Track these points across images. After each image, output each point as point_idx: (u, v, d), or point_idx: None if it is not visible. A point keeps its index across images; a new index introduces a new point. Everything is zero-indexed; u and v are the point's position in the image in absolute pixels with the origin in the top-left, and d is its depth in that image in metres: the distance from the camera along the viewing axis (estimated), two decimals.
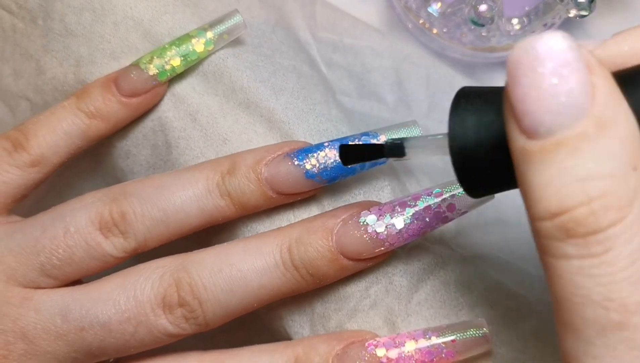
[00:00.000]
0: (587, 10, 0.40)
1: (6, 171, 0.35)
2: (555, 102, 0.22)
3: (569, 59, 0.22)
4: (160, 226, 0.34)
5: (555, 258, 0.23)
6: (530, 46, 0.23)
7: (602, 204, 0.22)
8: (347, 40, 0.44)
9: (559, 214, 0.22)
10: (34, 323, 0.33)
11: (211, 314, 0.33)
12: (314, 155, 0.34)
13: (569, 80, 0.22)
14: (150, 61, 0.36)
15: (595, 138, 0.22)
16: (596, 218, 0.22)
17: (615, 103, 0.23)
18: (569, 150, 0.22)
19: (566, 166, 0.22)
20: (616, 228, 0.22)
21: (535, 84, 0.22)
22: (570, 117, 0.22)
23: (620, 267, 0.22)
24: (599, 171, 0.22)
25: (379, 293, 0.34)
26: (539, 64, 0.22)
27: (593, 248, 0.22)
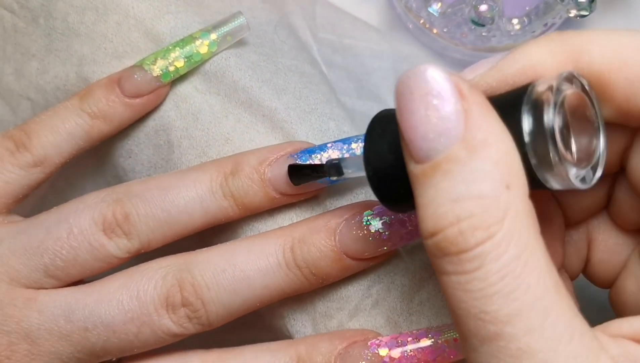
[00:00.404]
0: (588, 10, 0.41)
1: (8, 171, 0.35)
2: (429, 129, 0.24)
3: (439, 89, 0.24)
4: (164, 227, 0.34)
5: (439, 274, 0.25)
6: (406, 77, 0.24)
7: (470, 224, 0.23)
8: (347, 41, 0.44)
9: (435, 234, 0.24)
10: (38, 324, 0.33)
11: (214, 314, 0.33)
12: (317, 156, 0.34)
13: (439, 108, 0.24)
14: (154, 62, 0.36)
15: (466, 161, 0.24)
16: (464, 237, 0.23)
17: (488, 126, 0.24)
18: (442, 173, 0.24)
19: (441, 188, 0.24)
20: (484, 246, 0.23)
21: (412, 113, 0.24)
22: (442, 142, 0.24)
23: (491, 282, 0.23)
24: (468, 192, 0.23)
25: (381, 292, 0.35)
26: (413, 95, 0.24)
27: (465, 265, 0.24)
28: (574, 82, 0.26)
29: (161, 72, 0.36)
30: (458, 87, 0.24)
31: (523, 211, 0.24)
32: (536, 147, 0.25)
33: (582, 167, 0.26)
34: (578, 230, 0.32)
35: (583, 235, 0.32)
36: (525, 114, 0.25)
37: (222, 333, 0.36)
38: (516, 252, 0.23)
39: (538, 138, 0.25)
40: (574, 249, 0.33)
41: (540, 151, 0.25)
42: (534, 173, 0.25)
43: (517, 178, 0.24)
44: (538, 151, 0.25)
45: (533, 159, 0.25)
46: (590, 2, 0.40)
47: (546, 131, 0.24)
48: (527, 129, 0.25)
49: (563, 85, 0.25)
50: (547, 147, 0.24)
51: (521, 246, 0.23)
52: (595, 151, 0.27)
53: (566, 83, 0.26)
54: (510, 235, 0.23)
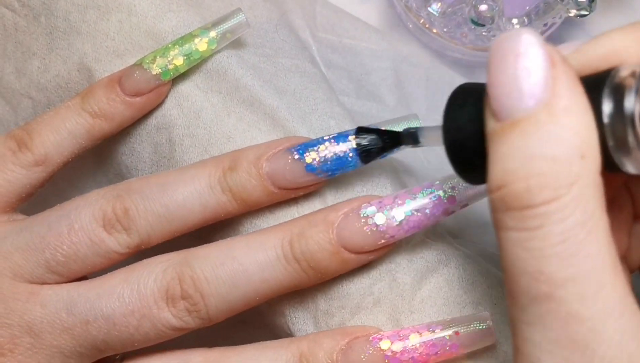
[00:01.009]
0: (588, 9, 0.41)
1: (11, 171, 0.35)
2: (516, 88, 0.25)
3: (533, 52, 0.25)
4: (163, 222, 0.34)
5: (499, 229, 0.25)
6: (504, 38, 0.25)
7: (539, 182, 0.24)
8: (347, 41, 0.44)
9: (502, 187, 0.24)
10: (40, 317, 0.33)
11: (214, 307, 0.33)
12: (314, 149, 0.34)
13: (529, 70, 0.24)
14: (153, 60, 0.36)
15: (546, 124, 0.24)
16: (531, 194, 0.24)
17: (573, 97, 0.25)
18: (520, 131, 0.24)
19: (516, 145, 0.24)
20: (550, 206, 0.24)
21: (502, 71, 0.25)
22: (526, 103, 0.24)
23: (551, 243, 0.24)
24: (542, 152, 0.24)
25: (383, 291, 0.35)
26: (506, 54, 0.25)
27: (527, 222, 0.24)
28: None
29: (160, 70, 0.36)
30: (551, 55, 0.25)
31: (593, 183, 0.24)
32: (615, 129, 0.25)
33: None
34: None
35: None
36: (606, 97, 0.25)
37: (224, 331, 0.36)
38: (581, 219, 0.24)
39: (617, 121, 0.25)
40: (637, 243, 0.32)
41: (619, 134, 0.25)
42: (610, 156, 0.25)
43: (593, 151, 0.24)
44: (616, 134, 0.25)
45: (611, 141, 0.25)
46: (590, 2, 0.41)
47: (626, 115, 0.25)
48: (607, 112, 0.25)
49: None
50: (625, 130, 0.25)
51: (587, 214, 0.24)
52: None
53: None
54: (576, 201, 0.24)
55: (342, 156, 0.34)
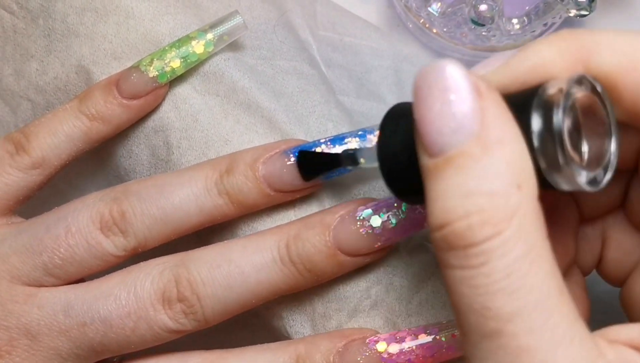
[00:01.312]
0: (587, 9, 0.41)
1: (8, 173, 0.35)
2: (445, 124, 0.24)
3: (457, 85, 0.24)
4: (160, 225, 0.34)
5: (444, 267, 0.25)
6: (425, 71, 0.25)
7: (479, 219, 0.23)
8: (347, 40, 0.44)
9: (443, 227, 0.24)
10: (38, 319, 0.33)
11: (210, 309, 0.33)
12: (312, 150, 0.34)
13: (456, 104, 0.24)
14: (150, 63, 0.36)
15: (480, 158, 0.24)
16: (472, 232, 0.24)
17: (503, 126, 0.24)
18: (455, 168, 0.24)
19: (452, 183, 0.24)
20: (492, 242, 0.23)
21: (429, 108, 0.24)
22: (458, 138, 0.24)
23: (496, 279, 0.23)
24: (479, 188, 0.24)
25: (380, 294, 0.35)
26: (431, 89, 0.24)
27: (471, 260, 0.24)
28: (584, 84, 0.26)
29: (157, 73, 0.36)
30: (476, 86, 0.24)
31: (532, 213, 0.24)
32: (545, 149, 0.25)
33: (593, 169, 0.26)
34: (593, 226, 0.32)
35: (598, 232, 0.32)
36: (534, 116, 0.25)
37: (222, 334, 0.36)
38: (523, 251, 0.23)
39: (547, 140, 0.25)
40: (588, 245, 0.33)
41: (549, 153, 0.25)
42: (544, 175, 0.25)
43: (529, 179, 0.24)
44: (547, 153, 0.25)
45: (542, 161, 0.25)
46: (590, 2, 0.40)
47: (554, 133, 0.25)
48: (536, 131, 0.25)
49: (573, 88, 0.25)
50: (555, 149, 0.25)
51: (528, 246, 0.24)
52: (606, 153, 0.27)
53: (577, 85, 0.26)
54: (518, 233, 0.24)
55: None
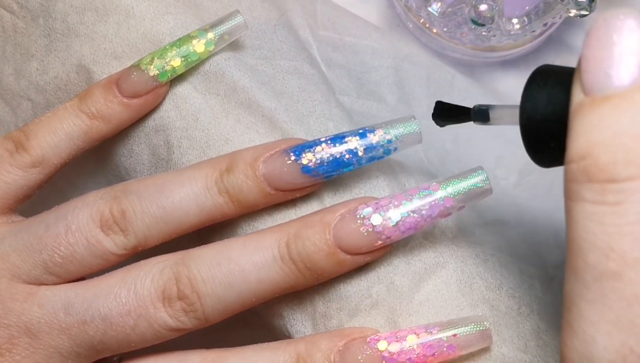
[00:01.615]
0: (588, 9, 0.41)
1: (8, 172, 0.35)
2: (614, 65, 0.24)
3: (636, 35, 0.24)
4: (160, 224, 0.34)
5: (574, 200, 0.24)
6: (610, 16, 0.25)
7: (626, 157, 0.23)
8: (347, 39, 0.44)
9: (585, 157, 0.24)
10: (38, 317, 0.33)
11: (210, 308, 0.33)
12: (310, 150, 0.34)
13: (632, 51, 0.24)
14: (150, 61, 0.36)
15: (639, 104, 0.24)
16: (616, 168, 0.23)
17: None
18: (612, 106, 0.24)
19: (606, 119, 0.24)
20: (633, 183, 0.23)
21: (602, 47, 0.25)
22: (623, 81, 0.24)
23: (628, 221, 0.23)
24: (632, 129, 0.24)
25: (381, 293, 0.35)
26: (608, 28, 0.25)
27: (607, 196, 0.23)
28: None
29: (158, 71, 0.36)
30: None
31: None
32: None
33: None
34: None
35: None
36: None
37: (223, 333, 0.36)
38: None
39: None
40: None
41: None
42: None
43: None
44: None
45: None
46: (590, 2, 0.40)
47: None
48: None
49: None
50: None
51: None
52: None
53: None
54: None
55: (338, 157, 0.34)
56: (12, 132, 0.36)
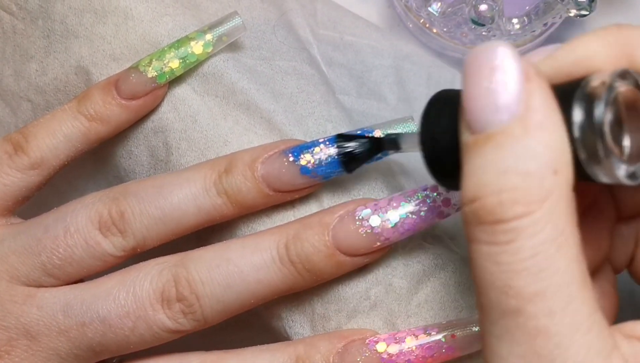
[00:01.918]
0: (587, 9, 0.41)
1: (7, 174, 0.35)
2: (491, 102, 0.25)
3: (507, 67, 0.25)
4: (159, 225, 0.34)
5: (471, 242, 0.25)
6: (478, 50, 0.25)
7: (511, 197, 0.24)
8: (348, 38, 0.44)
9: (474, 201, 0.25)
10: (37, 319, 0.33)
11: (209, 309, 0.33)
12: (308, 151, 0.34)
13: (504, 84, 0.24)
14: (149, 63, 0.36)
15: (520, 138, 0.24)
16: (503, 208, 0.24)
17: (546, 111, 0.25)
18: (495, 145, 0.24)
19: (490, 159, 0.24)
20: (522, 221, 0.24)
21: (477, 84, 0.25)
22: (501, 117, 0.24)
23: (521, 258, 0.24)
24: (516, 167, 0.24)
25: (379, 295, 0.35)
26: (481, 67, 0.25)
27: (499, 236, 0.24)
28: (627, 78, 0.26)
29: (156, 73, 0.36)
30: (525, 69, 0.25)
31: (565, 199, 0.24)
32: (585, 140, 0.25)
33: (633, 163, 0.26)
34: (629, 225, 0.32)
35: (632, 232, 0.32)
36: (576, 108, 0.25)
37: (221, 334, 0.36)
38: (551, 234, 0.24)
39: (587, 132, 0.25)
40: (622, 244, 0.33)
41: (589, 145, 0.25)
42: (583, 166, 0.26)
43: (565, 166, 0.25)
44: (587, 145, 0.25)
45: (582, 152, 0.25)
46: (590, 2, 0.40)
47: (595, 126, 0.25)
48: (577, 122, 0.25)
49: (616, 81, 0.26)
50: (595, 141, 0.25)
51: (557, 230, 0.24)
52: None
53: (620, 79, 0.26)
54: (548, 216, 0.24)
55: (337, 158, 0.34)
56: (11, 134, 0.36)
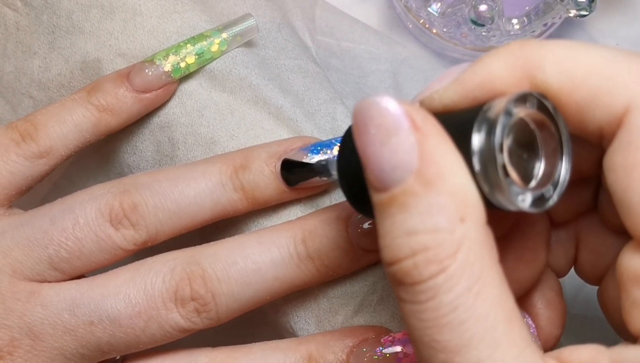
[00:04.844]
0: (587, 10, 0.41)
1: (13, 161, 0.34)
2: (384, 161, 0.24)
3: (392, 121, 0.24)
4: (173, 219, 0.33)
5: (398, 300, 0.25)
6: (361, 108, 0.24)
7: (424, 258, 0.24)
8: (345, 44, 0.44)
9: (392, 264, 0.24)
10: (41, 318, 0.32)
11: (224, 307, 0.32)
12: (326, 150, 0.34)
13: (392, 141, 0.24)
14: (165, 57, 0.36)
15: (421, 195, 0.24)
16: (418, 270, 0.24)
17: (441, 159, 0.24)
18: (398, 205, 0.24)
19: (397, 220, 0.24)
20: (437, 279, 0.24)
21: (367, 145, 0.24)
22: (398, 174, 0.24)
23: (442, 313, 0.24)
24: (423, 226, 0.24)
25: (387, 289, 0.35)
26: (367, 127, 0.24)
27: (419, 296, 0.24)
28: (529, 101, 0.25)
29: (172, 67, 0.36)
30: (412, 119, 0.24)
31: (478, 243, 0.24)
32: (485, 171, 0.24)
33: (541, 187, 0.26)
34: (566, 229, 0.32)
35: (571, 234, 0.32)
36: (475, 137, 0.24)
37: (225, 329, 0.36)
38: (468, 284, 0.24)
39: (486, 162, 0.24)
40: (562, 248, 0.32)
41: (489, 176, 0.24)
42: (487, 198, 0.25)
43: (473, 209, 0.24)
44: (487, 175, 0.24)
45: (483, 184, 0.25)
46: (590, 2, 0.41)
47: (492, 154, 0.24)
48: (476, 152, 0.24)
49: (512, 106, 0.25)
50: (494, 171, 0.24)
51: (473, 278, 0.24)
52: (556, 170, 0.26)
53: (520, 103, 0.25)
54: (462, 267, 0.24)
55: None
56: (17, 121, 0.35)
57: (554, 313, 0.32)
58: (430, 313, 0.24)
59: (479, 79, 0.26)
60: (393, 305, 0.35)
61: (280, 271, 0.33)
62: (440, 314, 0.24)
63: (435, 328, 0.24)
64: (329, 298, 0.35)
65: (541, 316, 0.32)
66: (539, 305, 0.32)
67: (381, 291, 0.35)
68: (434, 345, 0.24)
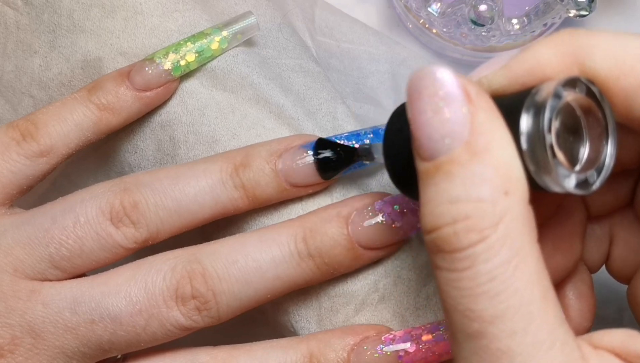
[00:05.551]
0: (587, 10, 0.41)
1: (15, 160, 0.34)
2: (434, 130, 0.25)
3: (447, 91, 0.24)
4: (173, 217, 0.33)
5: (434, 268, 0.25)
6: (416, 77, 0.25)
7: (465, 226, 0.24)
8: (345, 45, 0.44)
9: (432, 231, 0.25)
10: (42, 316, 0.32)
11: (225, 306, 0.32)
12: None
13: (445, 111, 0.24)
14: (165, 55, 0.36)
15: (468, 164, 0.24)
16: (458, 238, 0.24)
17: (491, 132, 0.24)
18: (444, 173, 0.24)
19: (441, 188, 0.25)
20: (476, 248, 0.24)
21: (420, 113, 0.25)
22: (446, 144, 0.24)
23: (479, 282, 0.24)
24: (466, 195, 0.24)
25: (388, 287, 0.35)
26: (421, 95, 0.25)
27: (456, 264, 0.24)
28: (578, 86, 0.26)
29: (172, 65, 0.36)
30: (466, 91, 0.24)
31: (519, 218, 0.24)
32: (533, 152, 0.25)
33: (586, 171, 0.26)
34: (601, 224, 0.33)
35: (606, 230, 0.33)
36: (524, 119, 0.25)
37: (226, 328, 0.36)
38: (507, 256, 0.24)
39: (534, 143, 0.25)
40: (596, 243, 0.33)
41: (537, 156, 0.25)
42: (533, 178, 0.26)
43: (517, 184, 0.24)
44: (534, 156, 0.25)
45: (530, 164, 0.25)
46: (590, 2, 0.41)
47: (541, 135, 0.25)
48: (524, 133, 0.25)
49: (562, 90, 0.25)
50: (542, 152, 0.25)
51: (513, 251, 0.24)
52: (601, 155, 0.27)
53: (569, 87, 0.26)
54: (503, 239, 0.24)
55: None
56: (17, 120, 0.35)
57: (585, 306, 0.33)
58: (467, 282, 0.24)
59: (528, 65, 0.27)
60: (394, 304, 0.35)
61: (281, 270, 0.33)
62: (476, 283, 0.24)
63: (471, 297, 0.24)
64: (330, 296, 0.35)
65: (572, 307, 0.33)
66: (570, 296, 0.33)
67: (382, 290, 0.35)
68: (468, 313, 0.24)
